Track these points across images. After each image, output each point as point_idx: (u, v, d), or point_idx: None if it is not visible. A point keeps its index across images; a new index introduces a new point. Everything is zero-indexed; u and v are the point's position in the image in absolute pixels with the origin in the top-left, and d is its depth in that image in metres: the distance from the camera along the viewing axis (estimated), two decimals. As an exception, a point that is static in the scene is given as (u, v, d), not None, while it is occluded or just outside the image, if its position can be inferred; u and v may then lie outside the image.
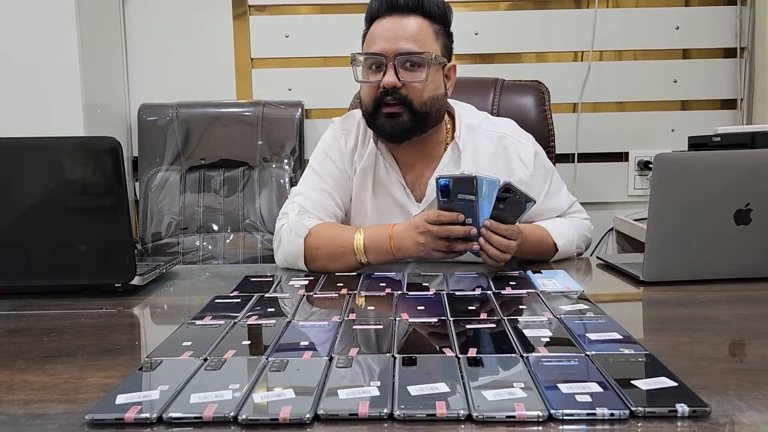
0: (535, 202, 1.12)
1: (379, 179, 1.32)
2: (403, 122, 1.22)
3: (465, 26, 2.15)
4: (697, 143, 1.84)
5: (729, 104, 2.20)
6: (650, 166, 2.10)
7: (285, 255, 1.23)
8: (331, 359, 0.69)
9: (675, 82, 2.18)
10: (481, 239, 1.10)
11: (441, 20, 1.26)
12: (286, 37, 2.17)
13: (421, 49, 1.21)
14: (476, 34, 2.15)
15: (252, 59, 2.18)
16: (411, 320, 0.83)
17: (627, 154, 2.21)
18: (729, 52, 2.17)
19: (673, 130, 2.19)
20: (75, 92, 1.86)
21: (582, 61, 2.17)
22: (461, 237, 1.10)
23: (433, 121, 1.27)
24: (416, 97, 1.22)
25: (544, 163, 1.36)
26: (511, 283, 1.03)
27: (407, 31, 1.21)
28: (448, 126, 1.34)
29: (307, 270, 1.21)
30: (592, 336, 0.75)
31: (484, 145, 1.32)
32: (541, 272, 1.11)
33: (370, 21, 1.27)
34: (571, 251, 1.30)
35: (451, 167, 1.29)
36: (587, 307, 0.88)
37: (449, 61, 1.29)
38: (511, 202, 1.09)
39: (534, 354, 0.69)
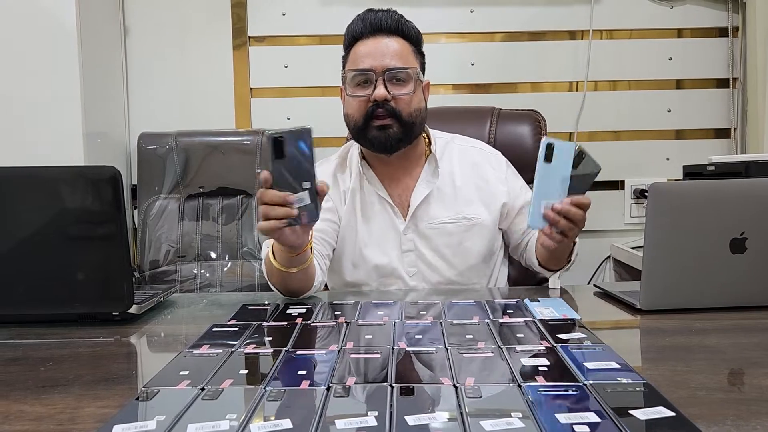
0: (600, 169, 1.09)
1: (366, 198, 1.38)
2: (394, 133, 1.30)
3: (461, 57, 2.19)
4: (692, 172, 1.86)
5: (723, 133, 2.22)
6: (646, 194, 2.11)
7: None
8: (328, 389, 0.69)
9: (669, 111, 2.21)
10: (552, 215, 1.09)
11: (416, 42, 1.36)
12: (285, 67, 2.20)
13: (406, 65, 1.30)
14: (472, 65, 2.19)
15: (251, 89, 2.21)
16: (409, 349, 0.83)
17: (623, 182, 2.23)
18: (722, 83, 2.21)
19: (668, 159, 2.21)
20: (76, 121, 1.87)
21: (577, 91, 2.21)
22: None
23: (417, 132, 1.36)
24: (404, 109, 1.30)
25: (514, 170, 1.45)
26: (508, 311, 1.03)
27: (392, 49, 1.30)
28: (426, 141, 1.43)
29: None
30: (590, 365, 0.75)
31: (458, 156, 1.42)
32: (538, 300, 1.11)
33: (352, 42, 1.34)
34: (566, 268, 1.34)
35: (430, 178, 1.37)
36: (585, 335, 0.88)
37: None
38: (584, 166, 1.08)
39: (532, 383, 0.69)
